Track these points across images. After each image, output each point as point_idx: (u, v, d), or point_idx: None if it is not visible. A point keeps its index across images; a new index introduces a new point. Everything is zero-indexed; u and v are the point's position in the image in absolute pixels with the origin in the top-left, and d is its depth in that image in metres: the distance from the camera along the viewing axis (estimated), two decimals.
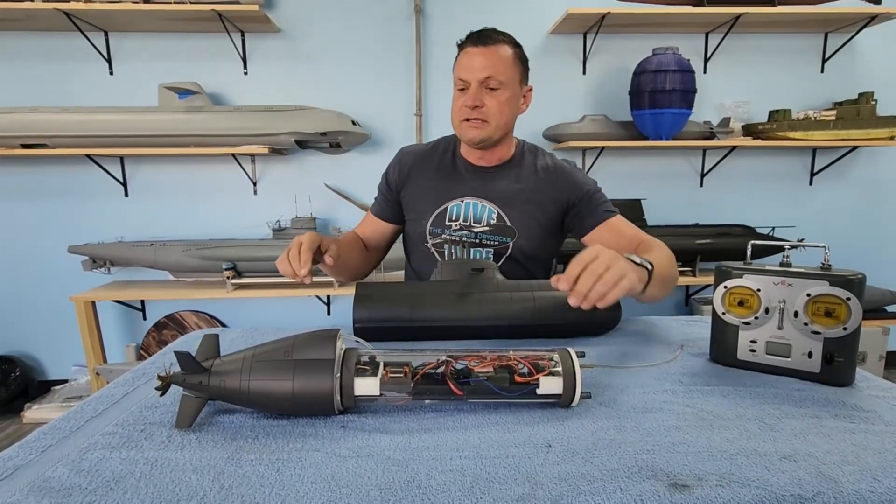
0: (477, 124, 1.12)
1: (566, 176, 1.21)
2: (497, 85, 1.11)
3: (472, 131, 1.13)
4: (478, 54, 1.10)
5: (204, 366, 0.59)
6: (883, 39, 2.64)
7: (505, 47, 1.13)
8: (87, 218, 2.59)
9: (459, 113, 1.14)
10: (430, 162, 1.25)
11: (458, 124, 1.16)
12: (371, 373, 0.60)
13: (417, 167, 1.25)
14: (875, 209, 2.80)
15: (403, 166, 1.25)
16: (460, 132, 1.17)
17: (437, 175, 1.23)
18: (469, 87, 1.11)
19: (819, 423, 0.58)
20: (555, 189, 1.20)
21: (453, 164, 1.24)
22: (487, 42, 1.11)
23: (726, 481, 0.46)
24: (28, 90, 2.48)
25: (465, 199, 1.20)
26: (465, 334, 0.88)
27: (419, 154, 1.27)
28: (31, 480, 0.48)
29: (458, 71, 1.13)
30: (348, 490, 0.46)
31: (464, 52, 1.13)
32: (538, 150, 1.27)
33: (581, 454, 0.51)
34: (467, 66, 1.11)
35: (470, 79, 1.10)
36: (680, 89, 2.33)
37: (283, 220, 2.54)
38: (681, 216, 2.72)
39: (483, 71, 1.09)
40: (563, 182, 1.20)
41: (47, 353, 2.71)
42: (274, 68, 2.56)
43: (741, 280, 0.73)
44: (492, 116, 1.12)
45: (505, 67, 1.11)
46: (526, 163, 1.23)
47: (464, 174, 1.22)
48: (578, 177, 1.21)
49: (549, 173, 1.21)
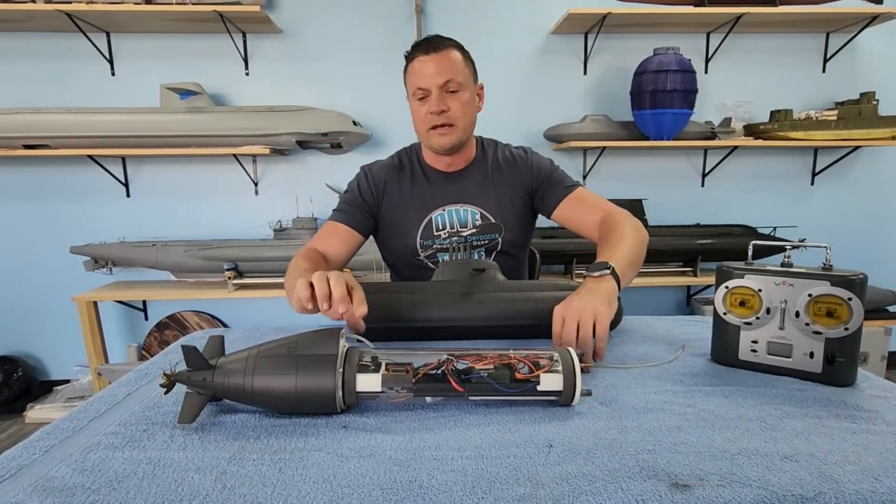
0: (445, 130, 1.13)
1: (524, 162, 1.25)
2: (456, 87, 1.11)
3: (441, 139, 1.14)
4: (431, 61, 1.10)
5: (210, 363, 0.60)
6: (884, 39, 2.64)
7: (454, 51, 1.13)
8: (89, 218, 2.60)
9: (425, 121, 1.13)
10: (402, 175, 1.23)
11: (424, 134, 1.15)
12: (373, 369, 0.61)
13: (391, 182, 1.23)
14: (877, 209, 2.80)
15: (377, 181, 1.22)
16: (428, 141, 1.16)
17: (411, 188, 1.22)
18: (429, 94, 1.11)
19: (820, 424, 0.58)
20: (519, 176, 1.24)
21: (423, 175, 1.24)
22: (438, 48, 1.11)
23: (727, 481, 0.47)
24: (30, 91, 2.48)
25: (447, 207, 1.21)
26: (467, 334, 0.88)
27: (386, 169, 1.24)
28: (35, 480, 0.49)
29: (414, 80, 1.12)
30: (350, 490, 0.46)
31: (416, 61, 1.12)
32: (496, 144, 1.30)
33: (582, 454, 0.52)
34: (423, 73, 1.10)
35: (429, 85, 1.10)
36: (681, 89, 2.33)
37: (284, 221, 2.55)
38: (682, 216, 2.72)
39: (441, 76, 1.10)
40: (523, 168, 1.24)
41: (49, 354, 2.72)
42: (275, 69, 2.56)
43: (742, 280, 0.73)
44: (457, 119, 1.13)
45: (460, 69, 1.12)
46: (489, 158, 1.26)
47: (437, 182, 1.23)
48: (534, 160, 1.25)
49: (510, 164, 1.25)
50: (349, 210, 1.21)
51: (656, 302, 2.84)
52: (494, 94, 2.62)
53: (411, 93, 1.14)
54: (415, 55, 1.13)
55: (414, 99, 1.14)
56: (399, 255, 1.25)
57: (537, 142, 2.62)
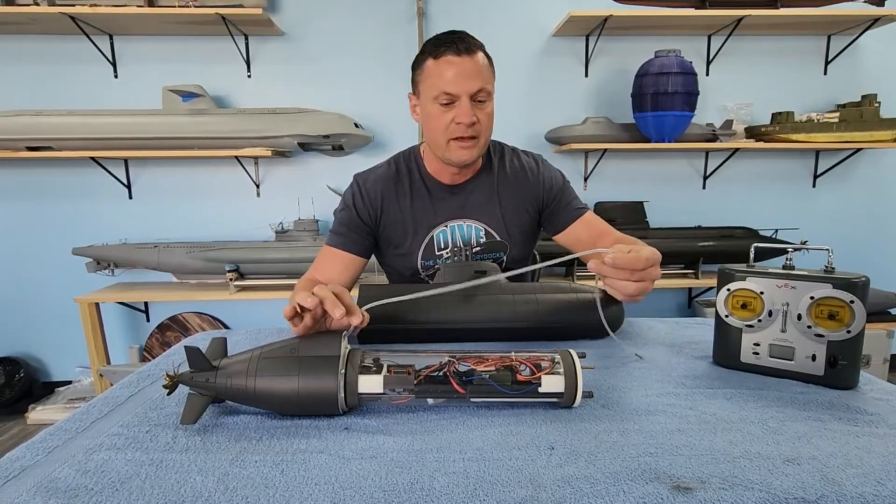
0: (470, 144, 1.02)
1: (534, 175, 1.16)
2: (485, 97, 1.01)
3: (463, 153, 1.03)
4: (465, 63, 0.98)
5: (212, 364, 0.60)
6: (886, 41, 2.64)
7: (482, 54, 1.02)
8: (92, 220, 2.60)
9: (448, 131, 1.01)
10: (400, 187, 1.13)
11: (444, 144, 1.03)
12: (375, 371, 0.61)
13: (388, 197, 1.12)
14: (879, 211, 2.79)
15: (373, 197, 1.12)
16: (447, 153, 1.04)
17: (411, 203, 1.12)
18: (457, 100, 0.99)
19: (822, 427, 0.58)
20: (528, 190, 1.15)
21: (425, 187, 1.13)
22: (472, 50, 0.99)
23: (729, 484, 0.46)
24: (33, 93, 2.49)
25: (450, 223, 1.12)
26: (468, 336, 0.88)
27: (383, 182, 1.13)
28: (38, 481, 0.49)
29: (439, 83, 0.99)
30: (352, 492, 0.46)
31: (444, 62, 0.98)
32: (503, 148, 1.20)
33: (584, 456, 0.52)
34: (455, 77, 0.98)
35: (459, 92, 0.98)
36: (682, 91, 2.33)
37: (285, 223, 2.55)
38: (683, 218, 2.72)
39: (475, 82, 0.98)
40: (534, 181, 1.16)
41: (51, 355, 2.72)
42: (277, 71, 2.57)
43: (744, 283, 0.73)
44: (482, 132, 1.03)
45: (489, 77, 1.03)
46: (495, 167, 1.16)
47: (439, 195, 1.13)
48: (546, 174, 1.17)
49: (518, 175, 1.16)
50: (347, 234, 1.11)
51: (658, 304, 2.84)
52: (496, 96, 2.62)
53: (433, 96, 1.00)
54: (443, 53, 0.98)
55: (436, 103, 1.00)
56: (398, 272, 1.18)
57: (538, 143, 2.62)
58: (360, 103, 2.58)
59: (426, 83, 1.02)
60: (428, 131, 1.06)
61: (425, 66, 1.02)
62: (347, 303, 0.67)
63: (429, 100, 1.02)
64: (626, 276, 0.81)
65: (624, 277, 0.81)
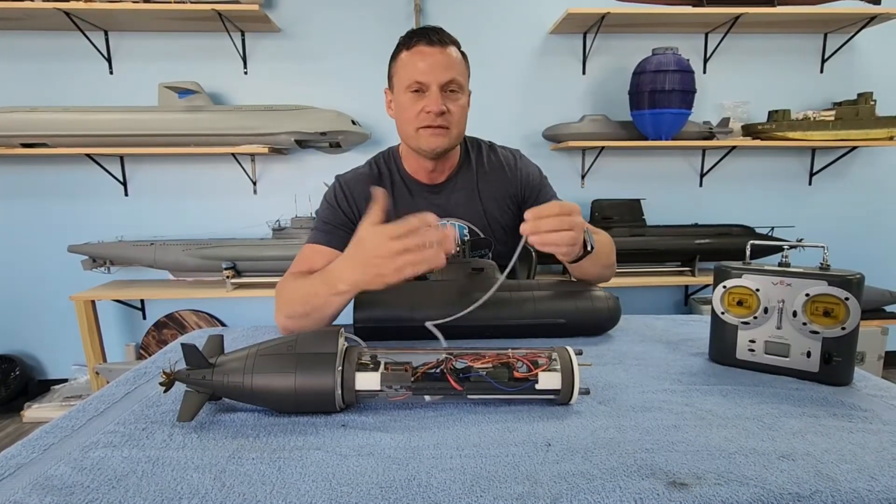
0: (441, 132, 1.02)
1: (512, 170, 1.17)
2: (457, 88, 1.02)
3: (434, 140, 1.02)
4: (436, 54, 1.00)
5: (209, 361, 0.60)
6: (882, 40, 2.64)
7: (455, 49, 1.03)
8: (87, 217, 2.59)
9: (417, 119, 1.02)
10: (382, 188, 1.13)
11: (413, 132, 1.04)
12: (372, 368, 0.61)
13: (369, 196, 1.10)
14: (874, 209, 2.81)
15: (356, 196, 1.10)
16: (417, 141, 1.04)
17: (393, 204, 1.11)
18: (427, 90, 1.00)
19: (817, 423, 0.58)
20: (507, 185, 1.16)
21: (406, 187, 1.14)
22: (444, 42, 1.01)
23: (725, 480, 0.47)
24: (28, 89, 2.48)
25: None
26: (465, 334, 0.88)
27: (364, 181, 1.12)
28: (34, 478, 0.49)
29: (410, 72, 1.00)
30: (349, 488, 0.46)
31: (416, 52, 1.00)
32: (480, 144, 1.20)
33: (580, 453, 0.52)
34: (425, 66, 0.99)
35: (430, 81, 0.99)
36: (679, 89, 2.33)
37: (282, 220, 2.55)
38: (680, 216, 2.73)
39: (446, 72, 0.99)
40: (511, 176, 1.16)
41: (47, 353, 2.71)
42: (274, 68, 2.56)
43: (740, 280, 0.73)
44: (454, 124, 1.03)
45: (462, 70, 1.04)
46: (473, 164, 1.16)
47: (420, 195, 1.13)
48: (523, 168, 1.17)
49: (497, 170, 1.17)
50: (332, 231, 1.09)
51: (654, 301, 2.85)
52: (493, 94, 2.63)
53: (405, 85, 1.01)
54: (415, 44, 1.01)
55: (406, 92, 1.01)
56: None
57: (536, 142, 2.62)
58: (357, 100, 2.58)
59: (399, 74, 1.03)
60: (400, 122, 1.07)
61: (399, 58, 1.04)
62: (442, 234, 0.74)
63: (401, 90, 1.03)
64: (551, 225, 0.79)
65: (549, 227, 0.80)
